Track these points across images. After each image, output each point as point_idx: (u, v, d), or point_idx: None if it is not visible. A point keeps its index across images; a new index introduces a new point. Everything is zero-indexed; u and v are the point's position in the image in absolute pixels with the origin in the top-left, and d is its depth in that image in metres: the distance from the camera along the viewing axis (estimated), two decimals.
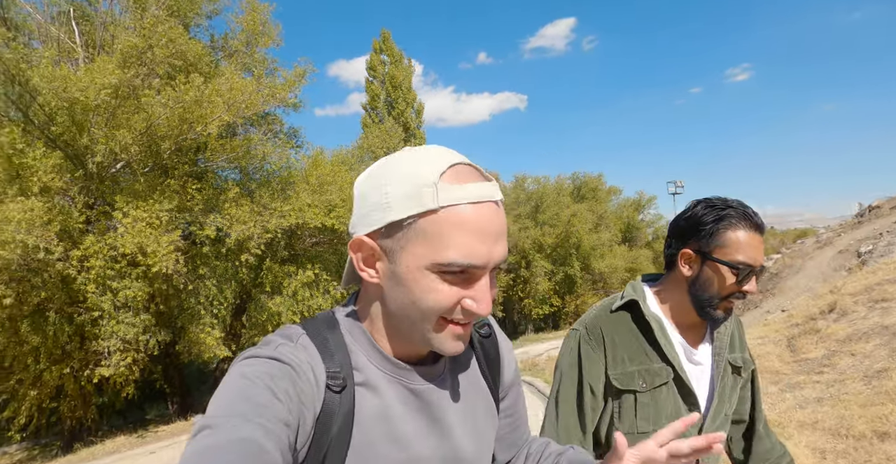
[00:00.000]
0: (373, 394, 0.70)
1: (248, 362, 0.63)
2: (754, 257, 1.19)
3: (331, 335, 0.71)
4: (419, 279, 0.63)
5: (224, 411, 0.57)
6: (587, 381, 1.27)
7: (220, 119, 11.28)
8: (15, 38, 11.33)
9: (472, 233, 0.62)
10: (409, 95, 28.50)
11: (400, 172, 0.63)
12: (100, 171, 10.91)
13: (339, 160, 17.61)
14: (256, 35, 14.82)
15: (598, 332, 1.30)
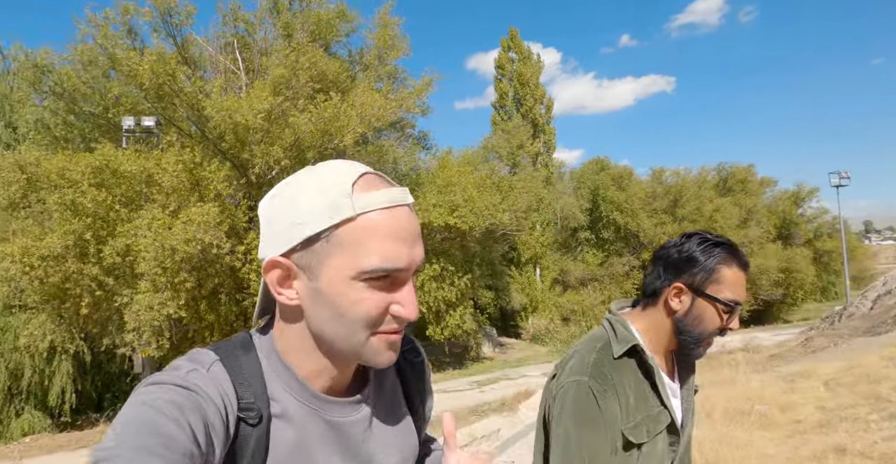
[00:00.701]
0: (289, 426, 0.67)
1: (153, 390, 0.59)
2: (742, 295, 1.20)
3: (246, 362, 0.67)
4: (345, 291, 0.62)
5: (125, 442, 0.53)
6: (608, 437, 1.16)
7: (354, 131, 12.63)
8: (193, 72, 13.76)
9: (392, 237, 0.61)
10: (538, 91, 28.55)
11: (310, 188, 0.63)
12: (258, 178, 12.86)
13: (465, 161, 18.46)
14: (386, 49, 16.16)
15: (609, 382, 1.18)
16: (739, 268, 1.21)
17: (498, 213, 14.80)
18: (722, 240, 1.23)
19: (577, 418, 1.17)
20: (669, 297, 1.23)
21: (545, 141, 29.10)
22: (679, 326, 1.23)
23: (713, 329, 1.21)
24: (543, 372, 15.47)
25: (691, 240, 1.24)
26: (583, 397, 1.17)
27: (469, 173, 16.57)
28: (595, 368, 1.20)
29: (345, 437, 0.71)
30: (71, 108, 13.68)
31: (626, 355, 1.22)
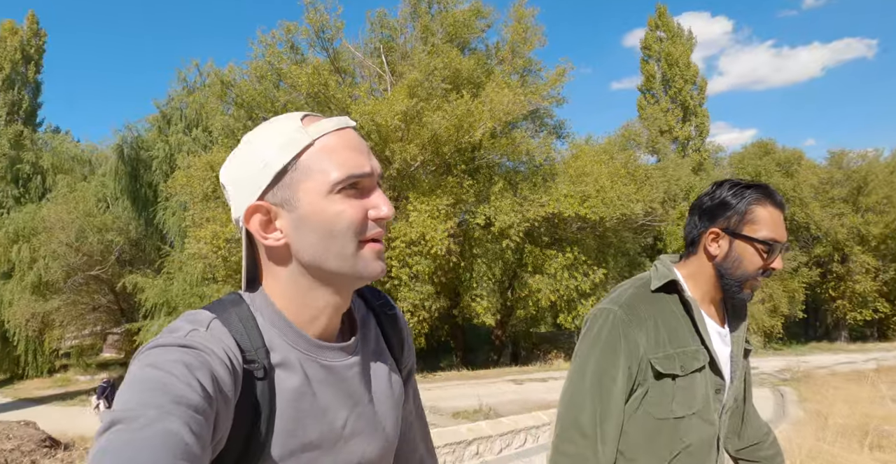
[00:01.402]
0: (290, 374, 0.70)
1: (158, 351, 0.60)
2: (781, 234, 1.20)
3: (242, 318, 0.70)
4: (325, 207, 0.65)
5: (137, 402, 0.53)
6: (625, 365, 1.20)
7: (484, 126, 13.12)
8: (343, 78, 15.30)
9: (349, 149, 0.66)
10: (688, 71, 26.54)
11: (262, 138, 0.67)
12: (399, 172, 13.98)
13: (602, 149, 18.02)
14: (520, 43, 16.36)
15: (638, 312, 1.23)
16: (774, 206, 1.20)
17: (630, 203, 14.31)
18: (754, 182, 1.23)
19: (596, 341, 1.21)
20: (707, 243, 1.24)
21: (697, 124, 26.95)
22: (720, 270, 1.24)
23: (755, 270, 1.21)
24: None
25: (723, 186, 1.25)
26: (608, 324, 1.21)
27: (602, 163, 16.19)
28: (629, 299, 1.24)
29: (341, 379, 0.74)
30: (249, 115, 16.03)
31: (664, 290, 1.26)
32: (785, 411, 7.62)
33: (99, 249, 22.67)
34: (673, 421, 1.21)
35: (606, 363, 1.20)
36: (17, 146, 26.75)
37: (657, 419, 1.21)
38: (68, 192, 24.19)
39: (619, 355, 1.20)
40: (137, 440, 0.50)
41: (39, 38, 30.45)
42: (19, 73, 29.04)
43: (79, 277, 21.90)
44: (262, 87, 15.16)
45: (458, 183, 14.82)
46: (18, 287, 21.99)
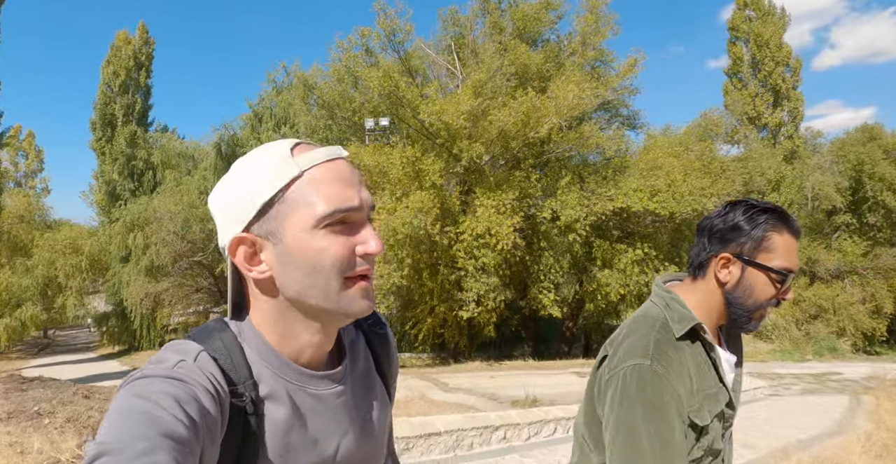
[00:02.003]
0: (278, 406, 0.69)
1: (145, 382, 0.59)
2: (795, 263, 1.15)
3: (229, 348, 0.68)
4: (309, 242, 0.64)
5: (124, 434, 0.53)
6: (678, 420, 1.09)
7: (550, 121, 13.25)
8: (414, 79, 15.92)
9: (338, 182, 0.65)
10: (780, 53, 24.76)
11: (252, 166, 0.66)
12: (466, 169, 14.43)
13: (677, 141, 17.45)
14: (591, 34, 16.16)
15: (672, 363, 1.13)
16: (791, 234, 1.14)
17: (703, 198, 13.87)
18: (770, 206, 1.17)
19: (644, 406, 1.07)
20: (717, 268, 1.17)
21: (790, 109, 25.14)
22: (729, 298, 1.17)
23: (766, 300, 1.15)
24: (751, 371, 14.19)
25: (736, 208, 1.18)
26: (647, 382, 1.08)
27: (676, 155, 15.73)
28: (657, 349, 1.12)
29: (331, 408, 0.74)
30: (330, 114, 17.10)
31: (688, 334, 1.16)
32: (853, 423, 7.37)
33: (201, 238, 25.06)
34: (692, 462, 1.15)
35: (660, 425, 1.07)
36: (131, 145, 29.95)
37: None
38: (174, 185, 26.82)
39: (670, 412, 1.08)
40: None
41: (149, 46, 33.64)
42: (132, 78, 32.34)
43: (184, 263, 24.38)
44: (341, 89, 16.10)
45: (526, 177, 15.03)
46: (134, 270, 24.84)
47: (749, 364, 15.91)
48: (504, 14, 17.12)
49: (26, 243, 27.46)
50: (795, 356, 18.11)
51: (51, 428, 4.17)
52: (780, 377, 13.69)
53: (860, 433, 6.26)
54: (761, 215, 1.14)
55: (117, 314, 27.01)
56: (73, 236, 28.20)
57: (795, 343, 19.93)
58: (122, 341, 26.92)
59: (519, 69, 15.28)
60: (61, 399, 4.69)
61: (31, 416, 4.29)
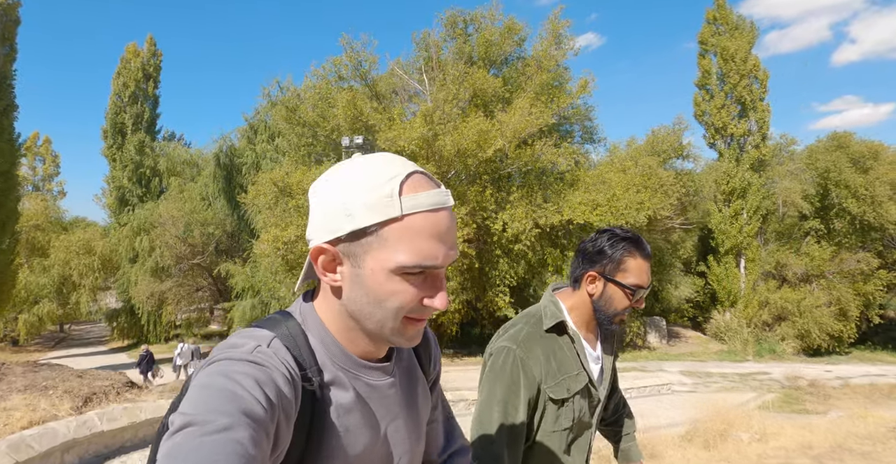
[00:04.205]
0: (340, 391, 0.75)
1: (228, 363, 0.64)
2: (645, 280, 1.44)
3: (295, 336, 0.74)
4: (383, 282, 0.68)
5: (208, 408, 0.56)
6: (525, 396, 1.38)
7: (497, 144, 14.95)
8: (380, 104, 17.70)
9: (433, 237, 0.66)
10: (745, 66, 26.05)
11: (361, 182, 0.67)
12: None
13: (628, 156, 19.04)
14: (545, 58, 17.79)
15: (533, 349, 1.42)
16: (642, 258, 1.43)
17: (637, 212, 15.45)
18: (629, 235, 1.45)
19: (500, 376, 1.40)
20: (586, 283, 1.47)
21: (757, 119, 26.42)
22: (595, 306, 1.47)
23: (622, 309, 1.45)
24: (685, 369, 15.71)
25: (603, 235, 1.47)
26: (509, 361, 1.40)
27: (623, 170, 17.33)
28: (525, 338, 1.43)
29: (383, 396, 0.80)
30: (311, 132, 18.90)
31: (554, 328, 1.47)
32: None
33: (201, 241, 27.11)
34: (560, 432, 1.44)
35: (510, 396, 1.38)
36: (140, 153, 32.01)
37: (551, 432, 1.44)
38: (178, 192, 28.84)
39: (520, 388, 1.38)
40: (207, 445, 0.53)
41: (157, 58, 35.66)
42: (141, 89, 34.35)
43: (185, 264, 26.45)
44: (319, 110, 17.90)
45: (481, 191, 16.74)
46: (141, 270, 26.92)
47: (687, 363, 17.51)
48: (470, 38, 18.80)
49: (43, 244, 29.75)
50: (736, 357, 19.57)
51: (53, 397, 6.05)
52: (708, 376, 15.17)
53: (692, 427, 7.61)
54: (620, 242, 1.43)
55: (126, 311, 29.11)
56: (86, 238, 30.37)
57: (745, 344, 21.32)
58: (131, 336, 29.03)
59: (478, 92, 16.97)
60: (62, 378, 6.59)
61: (40, 388, 6.19)
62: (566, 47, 19.06)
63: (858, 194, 26.45)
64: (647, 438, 6.48)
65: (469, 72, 16.67)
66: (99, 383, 6.12)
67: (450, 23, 19.11)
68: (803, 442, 5.82)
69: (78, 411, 5.82)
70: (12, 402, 5.46)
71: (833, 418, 8.24)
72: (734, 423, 7.11)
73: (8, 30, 17.14)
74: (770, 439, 6.33)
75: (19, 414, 5.24)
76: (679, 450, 6.10)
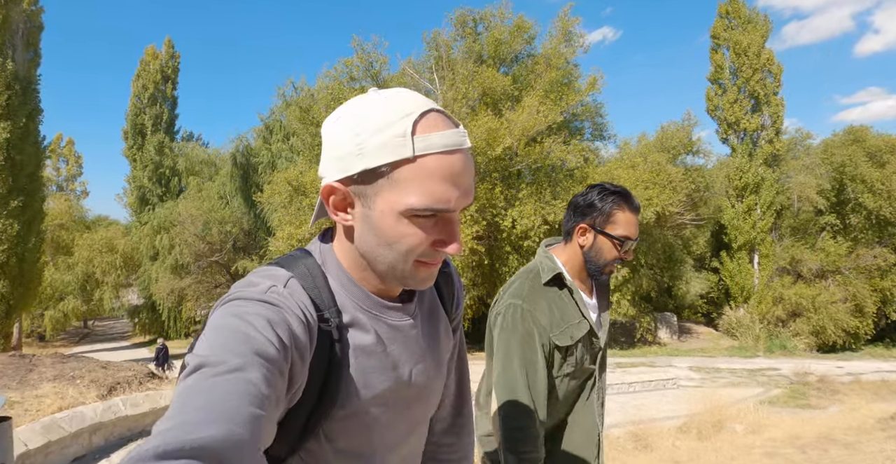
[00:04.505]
0: (360, 332, 0.74)
1: (240, 303, 0.64)
2: (633, 232, 1.53)
3: (314, 276, 0.73)
4: (393, 224, 0.66)
5: (221, 348, 0.56)
6: (540, 345, 1.48)
7: (504, 143, 15.18)
8: None
9: (446, 180, 0.63)
10: (758, 60, 25.84)
11: (373, 120, 0.64)
12: None
13: (637, 153, 19.13)
14: (554, 56, 17.94)
15: (538, 301, 1.51)
16: (630, 211, 1.52)
17: (645, 209, 15.56)
18: (618, 189, 1.54)
19: (514, 332, 1.49)
20: (577, 235, 1.57)
21: (770, 114, 26.21)
22: (586, 257, 1.56)
23: (612, 259, 1.54)
24: (694, 365, 15.80)
25: (593, 189, 1.56)
26: (518, 317, 1.49)
27: (632, 166, 17.45)
28: (529, 292, 1.53)
29: (405, 337, 0.79)
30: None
31: (552, 280, 1.56)
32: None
33: (219, 239, 27.73)
34: (565, 377, 1.56)
35: (528, 349, 1.48)
36: (159, 153, 32.76)
37: (555, 377, 1.54)
38: (197, 191, 29.50)
39: (534, 339, 1.48)
40: (219, 384, 0.53)
41: (175, 60, 36.38)
42: (160, 90, 35.11)
43: (203, 262, 27.07)
44: (332, 110, 18.24)
45: (491, 189, 16.99)
46: (161, 268, 27.64)
47: (697, 358, 17.58)
48: (479, 37, 19.01)
49: (67, 243, 30.68)
50: (746, 353, 19.56)
51: (80, 386, 6.47)
52: (717, 371, 15.24)
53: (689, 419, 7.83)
54: (610, 196, 1.52)
55: (148, 307, 29.91)
56: (108, 237, 31.23)
57: (757, 340, 21.26)
58: (153, 331, 29.82)
59: (488, 91, 17.20)
60: (88, 368, 7.02)
61: (68, 378, 6.62)
62: (576, 45, 19.21)
63: (875, 189, 26.16)
64: (642, 428, 6.70)
65: (478, 71, 16.90)
66: (122, 374, 6.54)
67: (459, 22, 19.34)
68: (793, 434, 6.00)
69: (103, 399, 6.25)
70: (43, 390, 5.89)
71: (832, 412, 8.39)
72: (730, 416, 7.30)
73: (32, 36, 17.76)
74: (763, 431, 6.52)
75: (49, 401, 5.66)
76: (672, 440, 6.32)
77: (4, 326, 17.29)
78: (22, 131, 16.22)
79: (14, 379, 6.34)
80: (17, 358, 6.92)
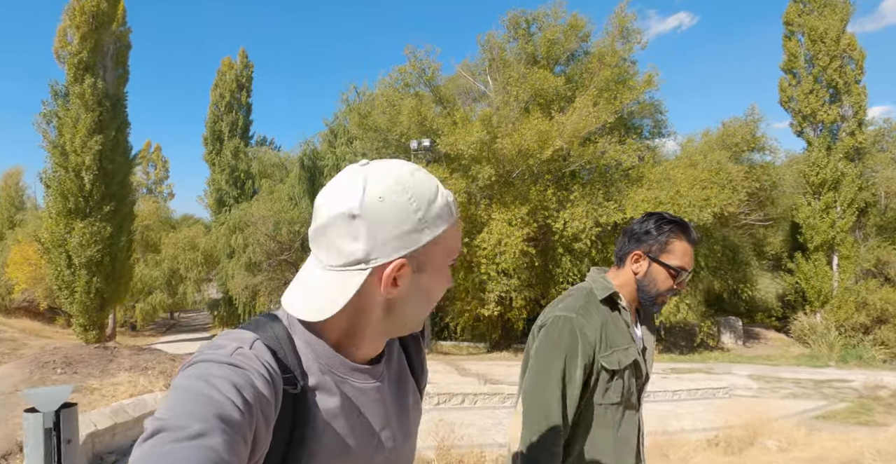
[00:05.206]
0: (326, 395, 0.73)
1: (206, 366, 0.63)
2: (689, 263, 1.51)
3: (280, 338, 0.72)
4: (440, 277, 0.75)
5: (183, 413, 0.55)
6: (582, 364, 1.44)
7: (554, 145, 15.21)
8: (444, 108, 18.41)
9: (459, 237, 0.77)
10: (837, 47, 24.08)
11: (424, 195, 0.70)
12: (483, 186, 16.71)
13: (698, 151, 18.50)
14: (609, 54, 17.69)
15: (593, 317, 1.48)
16: (687, 241, 1.51)
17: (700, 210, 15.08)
18: (676, 219, 1.53)
19: (558, 345, 1.44)
20: (630, 261, 1.55)
21: (852, 104, 24.34)
22: (639, 285, 1.54)
23: (665, 290, 1.52)
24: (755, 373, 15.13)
25: (651, 217, 1.55)
26: (567, 330, 1.45)
27: (692, 165, 16.93)
28: (583, 307, 1.51)
29: (373, 400, 0.79)
30: (381, 137, 20.03)
31: (608, 299, 1.55)
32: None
33: (288, 238, 29.33)
34: (608, 407, 1.49)
35: (569, 365, 1.43)
36: (235, 157, 35.06)
37: (599, 405, 1.48)
38: (268, 193, 31.32)
39: (578, 355, 1.44)
40: (177, 451, 0.51)
41: (248, 69, 38.71)
42: (235, 98, 37.52)
43: (274, 260, 28.78)
44: (388, 116, 18.97)
45: (543, 190, 17.03)
46: (237, 265, 29.63)
47: (760, 366, 16.79)
48: (532, 38, 19.04)
49: (155, 242, 33.54)
50: (816, 362, 18.45)
51: (150, 375, 7.35)
52: (779, 381, 14.49)
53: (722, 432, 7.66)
54: (667, 225, 1.51)
55: (225, 301, 32.13)
56: (191, 235, 33.84)
57: (831, 347, 19.94)
58: (230, 324, 31.98)
59: (539, 92, 17.24)
60: (158, 360, 7.93)
61: (141, 369, 7.52)
62: (633, 41, 18.82)
63: None
64: (665, 439, 6.71)
65: (529, 73, 16.97)
66: None
67: (512, 23, 19.44)
68: (820, 454, 5.89)
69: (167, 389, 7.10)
70: (119, 378, 6.78)
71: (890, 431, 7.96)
72: (768, 430, 7.14)
73: (121, 54, 19.60)
74: (795, 449, 6.38)
75: (123, 388, 6.51)
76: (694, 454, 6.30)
77: (100, 317, 19.27)
78: (112, 143, 18.02)
79: (97, 368, 7.31)
80: (101, 350, 7.95)
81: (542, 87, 16.86)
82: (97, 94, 17.40)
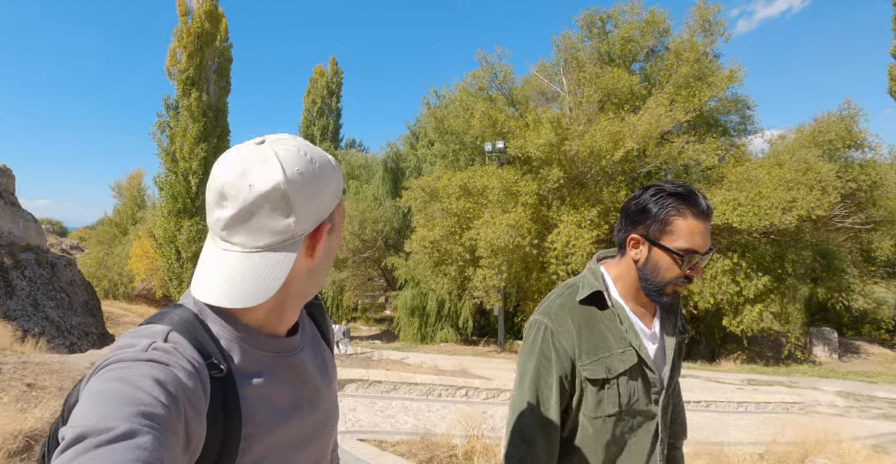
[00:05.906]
0: (252, 375, 0.73)
1: (120, 366, 0.60)
2: (699, 244, 1.20)
3: (193, 324, 0.71)
4: (339, 234, 0.81)
5: (103, 415, 0.52)
6: (558, 373, 1.27)
7: (625, 147, 15.00)
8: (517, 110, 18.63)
9: None
10: None
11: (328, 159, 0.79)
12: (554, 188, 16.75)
13: (787, 149, 17.38)
14: (687, 50, 17.09)
15: (565, 323, 1.29)
16: (694, 217, 1.20)
17: (782, 212, 14.19)
18: (678, 189, 1.22)
19: (531, 351, 1.30)
20: (629, 247, 1.28)
21: None
22: (640, 274, 1.27)
23: (672, 278, 1.23)
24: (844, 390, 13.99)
25: (647, 191, 1.26)
26: (539, 335, 1.29)
27: (772, 166, 16.00)
28: (558, 309, 1.30)
29: (296, 368, 0.81)
30: (457, 140, 20.61)
31: (591, 299, 1.31)
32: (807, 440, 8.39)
33: (372, 236, 30.86)
34: (605, 419, 1.28)
35: (543, 372, 1.27)
36: None
37: (593, 418, 1.27)
38: (355, 193, 33.05)
39: (551, 364, 1.27)
40: (105, 456, 0.48)
41: (338, 76, 40.95)
42: (326, 104, 39.86)
43: (358, 257, 30.40)
44: (463, 119, 19.51)
45: (615, 192, 16.81)
46: None
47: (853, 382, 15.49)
48: (608, 36, 18.78)
49: None
50: None
51: None
52: (871, 400, 13.35)
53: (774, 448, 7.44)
54: (667, 199, 1.21)
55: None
56: None
57: None
58: None
59: (612, 91, 17.03)
60: None
61: None
62: (716, 34, 18.02)
63: None
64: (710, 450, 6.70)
65: (600, 73, 16.79)
66: None
67: (586, 23, 19.27)
68: None
69: None
70: None
71: None
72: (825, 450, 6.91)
73: (223, 68, 21.69)
74: None
75: None
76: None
77: None
78: (215, 149, 20.06)
79: None
80: None
81: (616, 87, 16.61)
82: (202, 106, 19.45)
